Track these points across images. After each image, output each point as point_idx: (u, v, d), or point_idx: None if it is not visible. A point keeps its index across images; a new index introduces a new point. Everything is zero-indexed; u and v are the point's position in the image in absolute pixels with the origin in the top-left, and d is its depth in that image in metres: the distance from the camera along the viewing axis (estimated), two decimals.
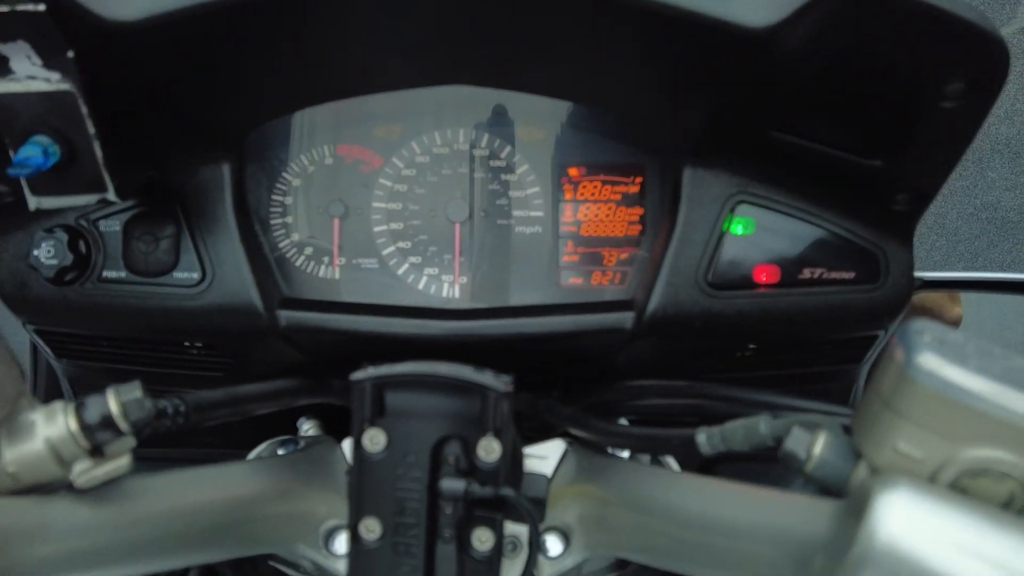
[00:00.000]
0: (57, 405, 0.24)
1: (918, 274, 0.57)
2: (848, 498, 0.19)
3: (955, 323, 0.58)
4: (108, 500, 0.24)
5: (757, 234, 0.41)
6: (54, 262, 0.39)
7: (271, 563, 0.37)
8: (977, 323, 0.85)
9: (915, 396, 0.19)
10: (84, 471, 0.23)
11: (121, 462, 0.24)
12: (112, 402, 0.24)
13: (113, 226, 0.41)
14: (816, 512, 0.21)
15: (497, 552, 0.30)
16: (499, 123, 0.45)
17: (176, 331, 0.41)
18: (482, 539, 0.29)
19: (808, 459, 0.22)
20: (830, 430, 0.23)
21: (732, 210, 0.40)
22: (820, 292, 0.42)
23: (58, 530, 0.23)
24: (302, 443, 0.41)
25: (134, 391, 0.24)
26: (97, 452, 0.24)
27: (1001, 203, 1.73)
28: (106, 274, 0.40)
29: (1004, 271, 0.67)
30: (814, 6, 0.29)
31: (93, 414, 0.24)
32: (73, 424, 0.23)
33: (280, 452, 0.40)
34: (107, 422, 0.24)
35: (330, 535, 0.35)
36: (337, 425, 0.46)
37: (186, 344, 0.43)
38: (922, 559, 0.17)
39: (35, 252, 0.40)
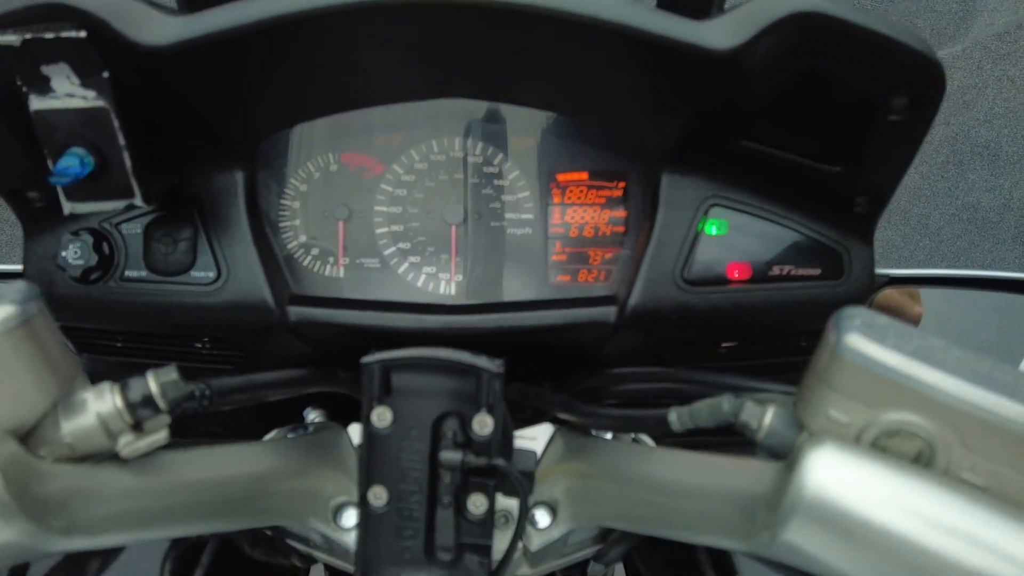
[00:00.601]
0: (105, 385, 0.27)
1: (885, 271, 0.60)
2: (788, 459, 0.23)
3: (915, 320, 0.61)
4: (147, 469, 0.27)
5: (730, 234, 0.44)
6: (80, 262, 0.42)
7: (287, 540, 0.40)
8: (954, 320, 0.89)
9: (842, 370, 0.23)
10: (127, 443, 0.26)
11: (159, 436, 0.27)
12: (152, 383, 0.27)
13: (134, 229, 0.44)
14: (762, 473, 0.24)
15: (490, 515, 0.33)
16: (491, 133, 0.48)
17: (193, 326, 0.44)
18: (477, 504, 0.33)
19: (759, 429, 0.26)
20: (779, 404, 0.26)
21: (706, 212, 0.44)
22: (788, 287, 0.45)
23: (106, 494, 0.26)
24: (311, 428, 0.44)
25: (171, 374, 0.28)
26: (138, 427, 0.27)
27: (981, 204, 1.77)
28: (128, 273, 0.43)
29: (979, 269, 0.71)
30: (770, 31, 0.33)
31: (136, 393, 0.27)
32: (119, 401, 0.26)
33: (291, 437, 0.43)
34: (147, 400, 0.27)
35: (338, 510, 0.38)
36: (341, 413, 0.49)
37: (195, 344, 0.46)
38: (844, 504, 0.21)
39: (63, 253, 0.42)
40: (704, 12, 0.43)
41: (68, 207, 0.37)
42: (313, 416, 0.48)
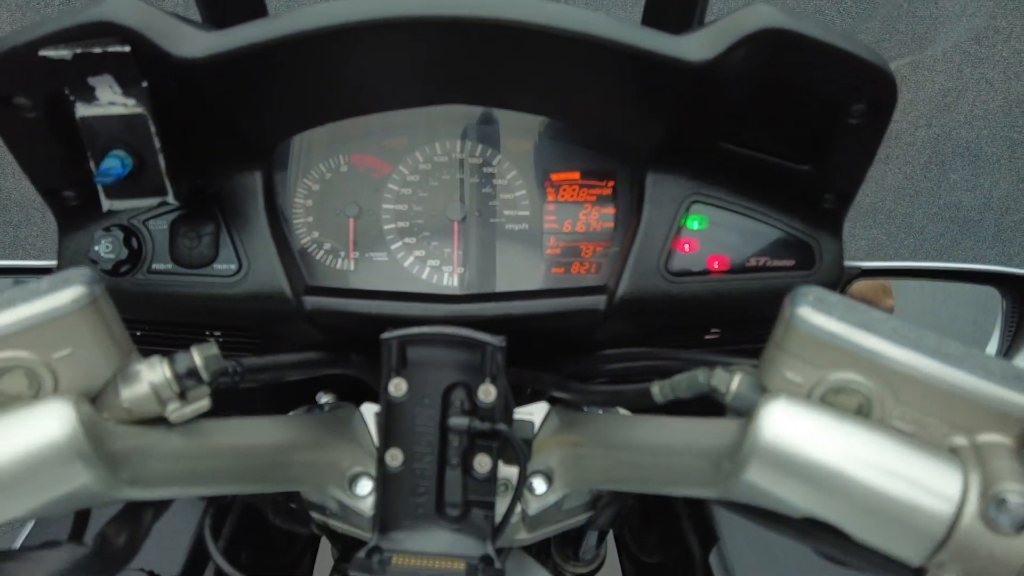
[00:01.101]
0: (156, 358, 0.30)
1: (858, 263, 0.64)
2: (749, 415, 0.27)
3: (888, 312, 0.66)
4: (190, 434, 0.31)
5: (710, 229, 0.48)
6: (111, 256, 0.45)
7: (306, 509, 0.43)
8: (932, 312, 0.93)
9: (795, 337, 0.26)
10: (175, 410, 0.30)
11: (202, 403, 0.31)
12: (196, 356, 0.31)
13: (160, 225, 0.47)
14: (727, 429, 0.28)
15: (493, 475, 0.37)
16: (489, 136, 0.51)
17: (216, 315, 0.48)
18: (482, 464, 0.36)
19: (727, 393, 0.29)
20: (744, 371, 0.30)
21: (688, 209, 0.47)
22: (764, 277, 0.49)
23: (158, 453, 0.29)
24: (327, 408, 0.48)
25: (212, 349, 0.31)
26: (182, 396, 0.31)
27: (963, 203, 1.82)
28: (155, 266, 0.47)
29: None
30: (740, 45, 0.36)
31: (182, 366, 0.30)
32: (168, 372, 0.30)
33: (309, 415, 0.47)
34: (192, 372, 0.30)
35: (353, 480, 0.41)
36: (350, 396, 0.52)
37: (214, 333, 0.49)
38: (794, 448, 0.24)
39: (95, 248, 0.46)
40: (686, 26, 0.47)
41: (107, 204, 0.40)
42: (325, 399, 0.52)
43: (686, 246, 0.47)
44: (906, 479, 0.23)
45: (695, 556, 0.53)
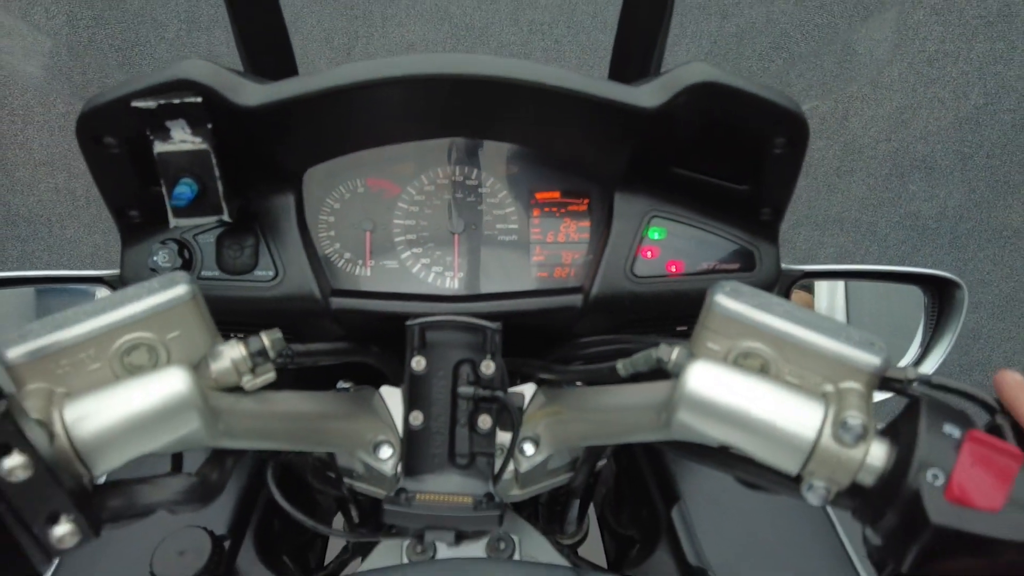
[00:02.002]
0: (234, 341, 0.39)
1: (801, 266, 0.74)
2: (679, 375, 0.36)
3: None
4: (259, 400, 0.40)
5: (668, 239, 0.56)
6: (168, 265, 0.54)
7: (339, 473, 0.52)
8: (886, 313, 1.01)
9: (713, 317, 0.36)
10: (248, 380, 0.39)
11: (269, 376, 0.39)
12: (265, 339, 0.39)
13: (208, 239, 0.55)
14: (667, 387, 0.37)
15: (493, 431, 0.46)
16: (483, 162, 0.59)
17: (255, 314, 0.56)
18: (484, 423, 0.45)
19: (669, 362, 0.39)
20: (682, 346, 0.39)
21: (649, 222, 0.56)
22: (713, 278, 0.57)
23: (238, 413, 0.38)
24: (351, 390, 0.57)
25: (276, 334, 0.40)
26: (253, 371, 0.39)
27: (921, 212, 1.94)
28: (204, 273, 0.54)
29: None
30: (682, 94, 0.46)
31: (254, 347, 0.39)
32: (244, 351, 0.39)
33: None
34: (261, 352, 0.39)
35: (376, 446, 0.50)
36: (365, 383, 0.61)
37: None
38: (711, 394, 0.34)
39: (154, 258, 0.54)
40: (645, 73, 0.57)
41: (174, 222, 0.49)
42: (346, 385, 0.61)
43: (648, 253, 0.56)
44: (787, 414, 0.33)
45: (660, 515, 0.63)
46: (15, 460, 0.29)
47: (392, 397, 0.55)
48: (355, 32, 1.84)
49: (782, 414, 0.32)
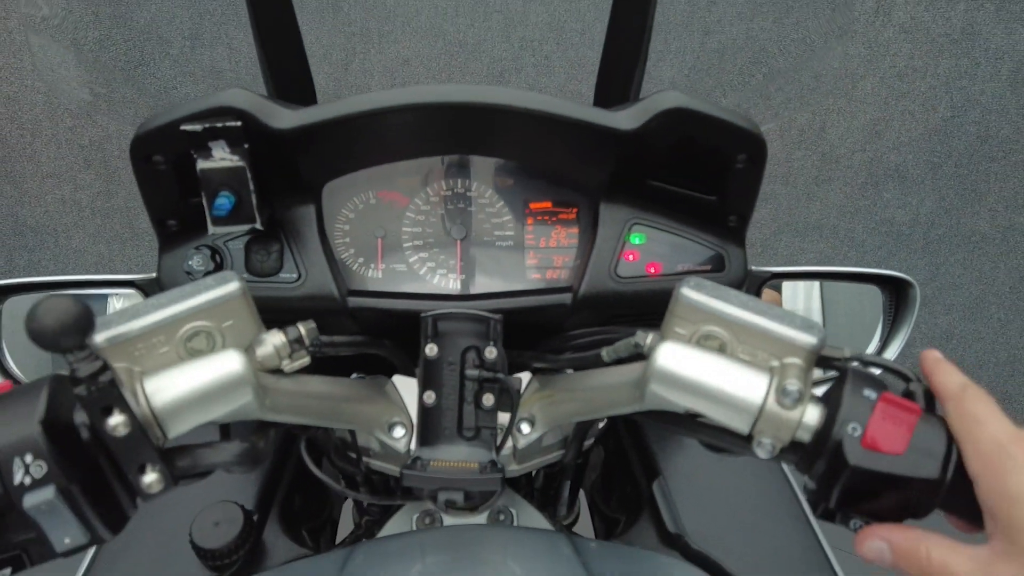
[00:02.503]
0: (275, 330, 0.45)
1: (769, 268, 0.81)
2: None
3: None
4: (296, 382, 0.46)
5: (647, 243, 0.61)
6: (201, 269, 0.60)
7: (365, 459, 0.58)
8: (857, 312, 1.07)
9: (679, 306, 0.43)
10: (287, 364, 0.45)
11: (304, 361, 0.46)
12: (302, 329, 0.46)
13: (238, 245, 0.62)
14: (641, 366, 0.44)
15: (495, 408, 0.52)
16: (482, 176, 0.64)
17: (280, 312, 0.62)
18: (488, 400, 0.52)
19: (645, 347, 0.46)
20: (656, 332, 0.46)
21: (630, 229, 0.62)
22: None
23: (279, 391, 0.45)
24: (367, 379, 0.63)
25: (311, 324, 0.47)
26: (291, 356, 0.46)
27: (895, 219, 2.03)
28: None
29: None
30: (655, 118, 0.53)
31: (292, 335, 0.46)
32: (284, 339, 0.45)
33: None
34: (298, 340, 0.46)
35: (391, 426, 0.57)
36: (378, 374, 0.67)
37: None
38: (676, 369, 0.41)
39: (189, 262, 0.60)
40: (626, 98, 0.65)
41: (212, 230, 0.55)
42: (360, 376, 0.67)
43: (630, 256, 0.61)
44: (739, 384, 0.40)
45: (642, 490, 0.69)
46: (117, 419, 0.35)
47: (402, 385, 0.61)
48: (352, 48, 1.92)
49: (735, 384, 0.40)
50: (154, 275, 0.64)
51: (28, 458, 0.33)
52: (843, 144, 2.01)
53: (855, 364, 0.41)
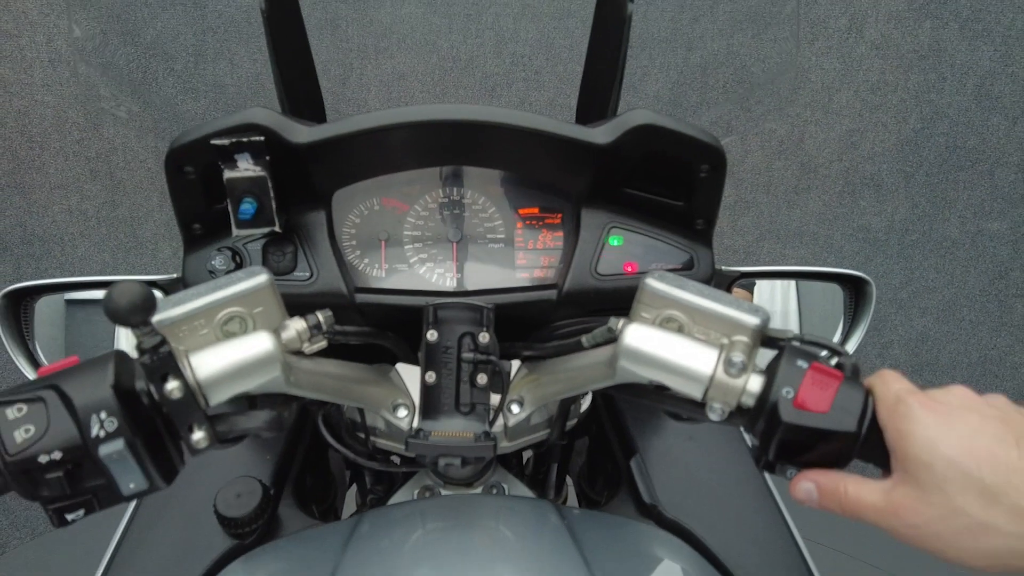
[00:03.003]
0: (297, 317, 0.52)
1: (738, 268, 0.89)
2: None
3: None
4: (314, 362, 0.53)
5: (624, 245, 0.66)
6: (224, 268, 0.67)
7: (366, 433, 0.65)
8: (830, 310, 1.14)
9: (644, 294, 0.50)
10: (307, 346, 0.52)
11: (322, 344, 0.53)
12: (320, 316, 0.53)
13: (256, 247, 0.68)
14: (612, 347, 0.51)
15: (487, 386, 0.59)
16: (476, 184, 0.71)
17: (295, 307, 0.68)
18: (481, 379, 0.59)
19: (617, 331, 0.53)
20: (627, 318, 0.53)
21: (609, 232, 0.69)
22: None
23: (301, 370, 0.51)
24: (374, 366, 0.70)
25: (328, 312, 0.53)
26: (311, 340, 0.53)
27: (871, 225, 2.11)
28: None
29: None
30: (627, 133, 0.61)
31: (312, 321, 0.52)
32: (304, 325, 0.52)
33: None
34: (317, 326, 0.53)
35: (395, 407, 0.64)
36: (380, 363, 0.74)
37: None
38: (641, 346, 0.48)
39: (213, 262, 0.67)
40: (604, 115, 0.72)
41: (236, 232, 0.62)
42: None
43: (609, 256, 0.66)
44: (694, 357, 0.47)
45: (620, 466, 0.76)
46: (173, 384, 0.42)
47: (404, 372, 0.68)
48: (350, 64, 1.99)
49: (690, 358, 0.47)
50: (174, 275, 0.71)
51: (102, 415, 0.40)
52: (821, 154, 2.10)
53: (795, 343, 0.49)
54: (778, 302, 1.00)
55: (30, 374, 0.79)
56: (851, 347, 0.93)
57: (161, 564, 0.65)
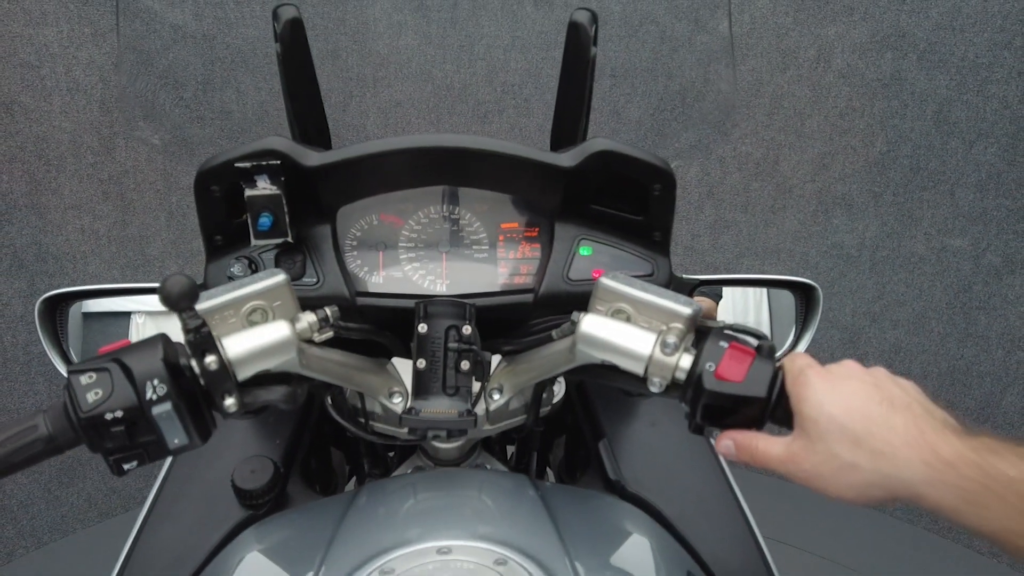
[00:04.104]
0: (308, 311, 0.62)
1: (697, 276, 0.99)
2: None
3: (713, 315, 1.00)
4: (323, 350, 0.63)
5: (593, 255, 0.75)
6: (241, 274, 0.77)
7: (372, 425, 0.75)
8: (790, 315, 1.23)
9: (599, 291, 0.60)
10: (317, 336, 0.62)
11: (329, 335, 0.62)
12: (328, 311, 0.63)
13: (269, 256, 0.78)
14: (575, 333, 0.61)
15: (470, 372, 0.69)
16: (463, 202, 0.77)
17: (303, 307, 0.80)
18: (464, 366, 0.68)
19: (578, 323, 0.63)
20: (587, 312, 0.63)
21: (579, 243, 0.79)
22: None
23: (312, 355, 0.61)
24: (373, 359, 0.80)
25: (334, 308, 0.63)
26: (320, 331, 0.63)
27: (844, 243, 2.22)
28: None
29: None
30: (589, 159, 0.71)
31: (321, 315, 0.62)
32: (315, 318, 0.62)
33: None
34: (325, 319, 0.62)
35: (391, 394, 0.74)
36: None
37: None
38: (594, 333, 0.57)
39: (231, 269, 0.77)
40: (574, 141, 0.83)
41: (255, 242, 0.72)
42: None
43: (579, 264, 0.77)
44: (636, 340, 0.57)
45: (590, 449, 0.86)
46: (211, 358, 0.52)
47: (398, 365, 0.78)
48: (350, 92, 2.12)
49: (634, 341, 0.57)
50: (199, 281, 0.81)
51: (155, 382, 0.49)
52: (795, 175, 2.22)
53: (725, 330, 0.59)
54: (751, 313, 1.10)
55: (63, 370, 0.88)
56: (802, 346, 1.03)
57: (185, 531, 0.74)
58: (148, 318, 1.01)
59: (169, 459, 0.83)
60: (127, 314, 1.02)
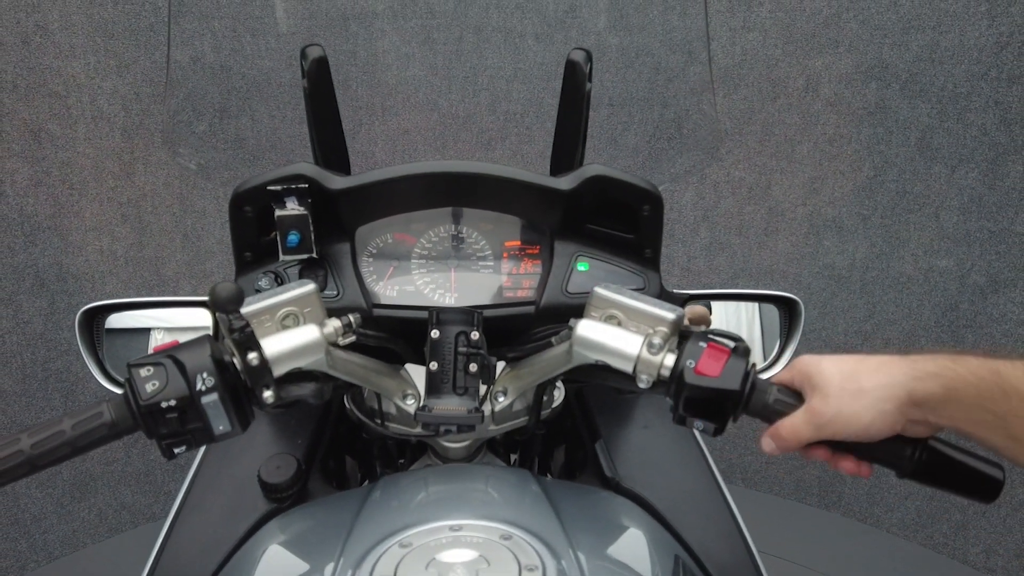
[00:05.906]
0: (333, 317, 0.69)
1: (687, 291, 1.07)
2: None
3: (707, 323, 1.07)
4: (347, 352, 0.70)
5: (590, 270, 0.87)
6: (268, 287, 0.85)
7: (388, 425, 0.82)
8: (769, 328, 1.29)
9: (593, 299, 0.67)
10: (342, 340, 0.69)
11: (352, 339, 0.70)
12: (351, 318, 0.70)
13: (294, 271, 0.86)
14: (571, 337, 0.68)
15: (478, 374, 0.76)
16: (470, 222, 0.90)
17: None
18: (472, 368, 0.75)
19: (574, 327, 0.70)
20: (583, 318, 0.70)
21: (576, 259, 0.87)
22: None
23: (337, 357, 0.68)
24: (389, 364, 0.87)
25: (357, 315, 0.71)
26: (344, 335, 0.70)
27: (835, 264, 2.29)
28: None
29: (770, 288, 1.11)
30: (584, 183, 0.79)
31: (344, 321, 0.69)
32: (339, 324, 0.69)
33: None
34: (348, 324, 0.70)
35: (405, 396, 0.81)
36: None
37: None
38: (588, 336, 0.65)
39: (260, 283, 0.85)
40: (571, 167, 0.91)
41: (283, 257, 0.80)
42: None
43: (577, 279, 0.85)
44: (626, 342, 0.64)
45: (587, 450, 0.92)
46: (253, 354, 0.59)
47: (411, 371, 0.85)
48: (359, 120, 2.21)
49: (623, 342, 0.64)
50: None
51: (204, 375, 0.57)
52: (787, 199, 2.30)
53: (705, 333, 0.66)
54: (744, 329, 1.18)
55: (100, 378, 0.95)
56: (784, 359, 1.10)
57: (214, 521, 0.80)
58: (166, 334, 1.09)
59: (198, 457, 0.90)
60: (146, 330, 1.10)
